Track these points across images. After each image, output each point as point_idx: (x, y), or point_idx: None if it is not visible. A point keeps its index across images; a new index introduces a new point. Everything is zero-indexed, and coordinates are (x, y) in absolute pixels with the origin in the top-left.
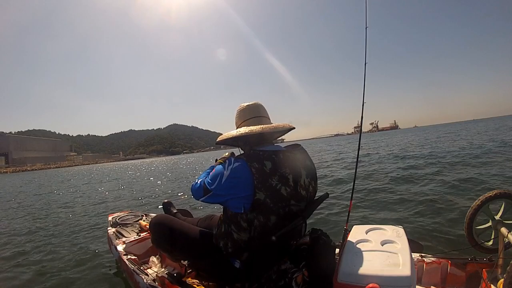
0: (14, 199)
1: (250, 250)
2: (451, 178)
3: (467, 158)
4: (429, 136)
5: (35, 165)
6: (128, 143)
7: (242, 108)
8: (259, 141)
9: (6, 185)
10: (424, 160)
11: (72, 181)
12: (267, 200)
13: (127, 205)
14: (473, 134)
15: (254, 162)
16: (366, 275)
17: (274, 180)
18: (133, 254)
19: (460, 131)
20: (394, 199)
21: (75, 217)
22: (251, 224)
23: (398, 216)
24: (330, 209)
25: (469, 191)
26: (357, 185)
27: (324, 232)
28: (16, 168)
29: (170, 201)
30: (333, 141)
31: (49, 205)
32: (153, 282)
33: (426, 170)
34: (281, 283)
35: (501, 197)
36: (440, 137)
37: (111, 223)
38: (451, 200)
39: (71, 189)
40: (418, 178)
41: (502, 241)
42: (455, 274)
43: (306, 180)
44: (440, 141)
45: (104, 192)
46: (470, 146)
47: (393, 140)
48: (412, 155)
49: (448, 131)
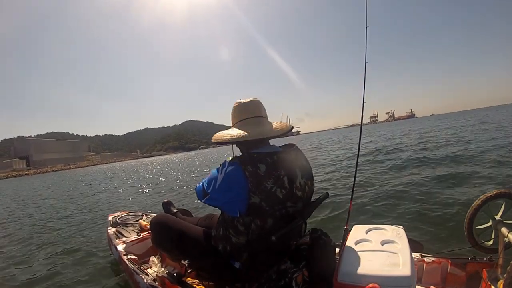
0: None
1: (250, 252)
2: (453, 175)
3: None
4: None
5: (55, 166)
6: (145, 141)
7: (238, 105)
8: (256, 143)
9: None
10: (434, 154)
11: (94, 182)
12: (263, 203)
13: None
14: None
15: (248, 165)
16: (366, 275)
17: (269, 183)
18: (133, 254)
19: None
20: (394, 199)
21: (77, 217)
22: (248, 227)
23: (398, 216)
24: (330, 209)
25: (471, 189)
26: (358, 185)
27: (324, 232)
28: (37, 170)
29: (170, 200)
30: (348, 133)
31: (56, 206)
32: (153, 282)
33: (430, 166)
34: (281, 283)
35: (502, 196)
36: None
37: (111, 223)
38: (452, 198)
39: (90, 190)
40: (419, 175)
41: (502, 241)
42: (455, 274)
43: (302, 180)
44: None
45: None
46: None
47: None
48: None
49: (471, 119)
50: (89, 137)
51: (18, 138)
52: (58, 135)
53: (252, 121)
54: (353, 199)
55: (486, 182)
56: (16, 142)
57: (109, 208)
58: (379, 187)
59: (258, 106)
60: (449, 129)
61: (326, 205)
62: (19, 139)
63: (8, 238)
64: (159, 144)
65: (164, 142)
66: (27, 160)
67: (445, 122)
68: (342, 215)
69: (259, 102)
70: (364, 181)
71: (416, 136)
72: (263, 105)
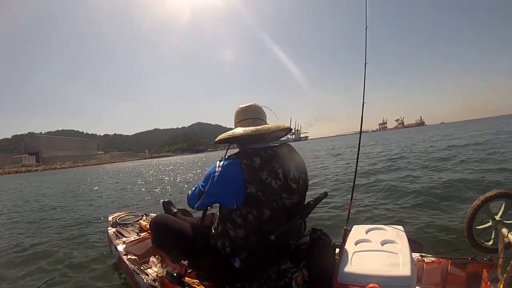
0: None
1: (249, 249)
2: (454, 176)
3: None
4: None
5: (64, 164)
6: (153, 142)
7: (238, 109)
8: (253, 141)
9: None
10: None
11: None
12: (259, 193)
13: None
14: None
15: (243, 159)
16: (366, 275)
17: (264, 174)
18: (133, 254)
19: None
20: (394, 198)
21: (77, 216)
22: (245, 219)
23: (398, 216)
24: (330, 209)
25: (472, 190)
26: (358, 185)
27: (324, 232)
28: (46, 166)
29: (170, 200)
30: (355, 140)
31: (56, 205)
32: (153, 282)
33: (430, 168)
34: (281, 283)
35: (501, 197)
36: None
37: (111, 223)
38: (452, 199)
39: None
40: (421, 176)
41: (502, 241)
42: (455, 274)
43: (296, 174)
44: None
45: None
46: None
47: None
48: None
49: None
50: (98, 136)
51: (28, 134)
52: (67, 133)
53: (249, 121)
54: (353, 199)
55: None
56: (27, 138)
57: (108, 207)
58: (380, 187)
59: (256, 109)
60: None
61: (326, 205)
62: (29, 136)
63: (7, 238)
64: (168, 145)
65: (173, 144)
66: (36, 156)
67: (456, 129)
68: (342, 215)
69: (257, 106)
70: (364, 181)
71: (443, 144)
72: (264, 109)
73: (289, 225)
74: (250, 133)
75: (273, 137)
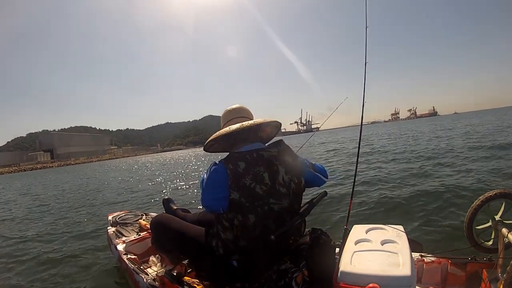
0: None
1: (240, 251)
2: (455, 175)
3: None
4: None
5: (78, 159)
6: (165, 136)
7: (224, 111)
8: (242, 140)
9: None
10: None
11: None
12: (242, 199)
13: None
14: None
15: (229, 163)
16: (366, 275)
17: (248, 180)
18: (133, 253)
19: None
20: (395, 198)
21: (77, 216)
22: (232, 223)
23: (398, 216)
24: (330, 209)
25: (473, 190)
26: (358, 185)
27: (324, 232)
28: (61, 162)
29: (171, 198)
30: (369, 130)
31: (57, 204)
32: (153, 282)
33: (430, 166)
34: (281, 283)
35: (501, 197)
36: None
37: (111, 223)
38: (452, 199)
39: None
40: (422, 175)
41: (502, 241)
42: (455, 274)
43: (286, 177)
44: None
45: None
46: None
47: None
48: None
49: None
50: (111, 131)
51: (42, 132)
52: (81, 129)
53: (236, 120)
54: (353, 199)
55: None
56: (41, 136)
57: (107, 206)
58: (380, 187)
59: (243, 110)
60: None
61: (326, 205)
62: (43, 133)
63: (6, 237)
64: (179, 138)
65: (184, 137)
66: (51, 153)
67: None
68: (342, 215)
69: (244, 107)
70: (365, 181)
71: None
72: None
73: (289, 225)
74: (235, 129)
75: (265, 136)
